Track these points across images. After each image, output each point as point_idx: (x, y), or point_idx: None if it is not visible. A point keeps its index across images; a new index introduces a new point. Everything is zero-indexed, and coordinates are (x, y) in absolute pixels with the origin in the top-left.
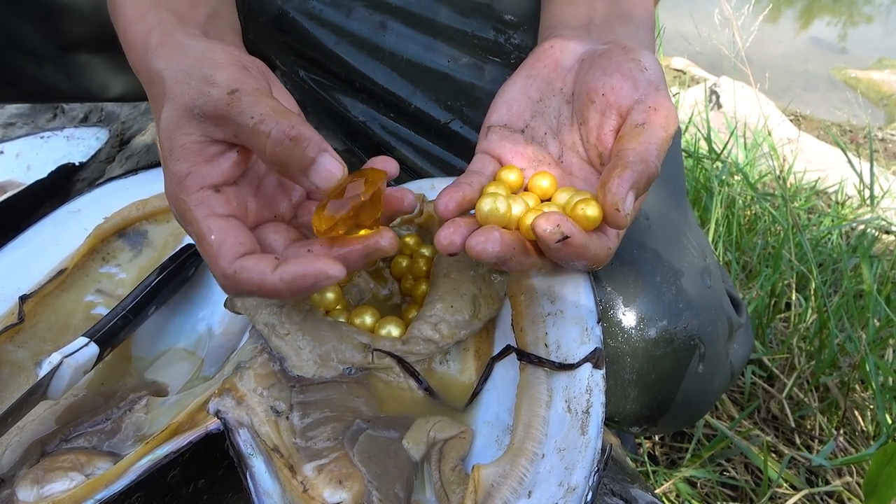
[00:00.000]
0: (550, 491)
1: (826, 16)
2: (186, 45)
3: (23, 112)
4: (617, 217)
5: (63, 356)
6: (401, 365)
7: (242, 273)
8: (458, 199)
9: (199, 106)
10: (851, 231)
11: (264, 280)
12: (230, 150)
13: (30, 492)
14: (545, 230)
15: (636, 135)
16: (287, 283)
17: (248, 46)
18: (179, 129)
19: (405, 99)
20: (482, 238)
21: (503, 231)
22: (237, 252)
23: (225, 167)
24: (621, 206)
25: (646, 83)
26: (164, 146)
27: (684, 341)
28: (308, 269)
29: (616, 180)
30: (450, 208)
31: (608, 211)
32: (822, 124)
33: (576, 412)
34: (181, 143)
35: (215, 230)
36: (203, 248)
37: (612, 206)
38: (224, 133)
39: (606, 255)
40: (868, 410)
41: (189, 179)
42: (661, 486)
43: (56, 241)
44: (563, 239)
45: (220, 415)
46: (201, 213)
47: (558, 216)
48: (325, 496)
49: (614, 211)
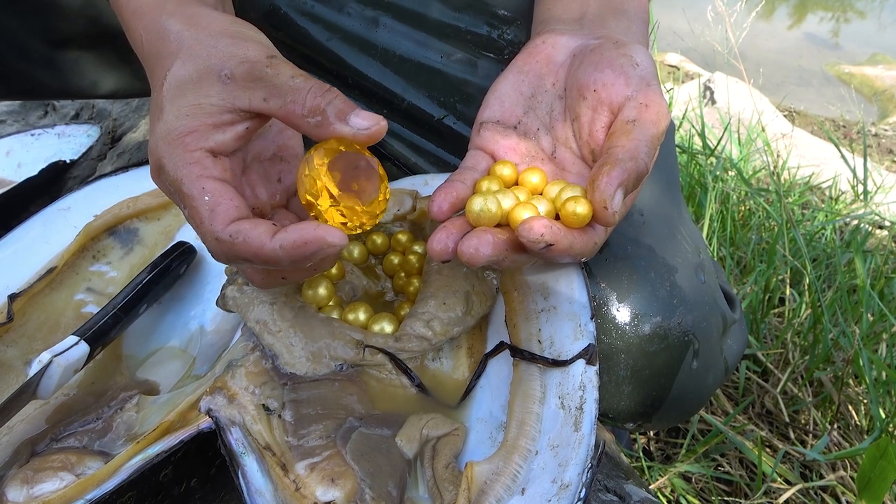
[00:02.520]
0: (544, 488)
1: (819, 11)
2: (211, 14)
3: (13, 109)
4: (605, 215)
5: (53, 355)
6: (393, 362)
7: (239, 237)
8: (452, 199)
9: (231, 68)
10: (845, 226)
11: (262, 246)
12: (240, 122)
13: (19, 492)
14: (529, 240)
15: (627, 132)
16: (287, 249)
17: None
18: (198, 87)
19: (398, 95)
20: (474, 241)
21: (495, 233)
22: (232, 215)
23: (228, 137)
24: (609, 204)
25: (637, 79)
26: (166, 99)
27: (678, 337)
28: (309, 236)
29: (605, 178)
30: (443, 209)
31: (596, 209)
32: (815, 120)
33: (569, 409)
34: (195, 101)
35: (210, 191)
36: (193, 209)
37: (600, 203)
38: (251, 98)
39: (592, 250)
40: (862, 405)
41: (191, 137)
42: (657, 482)
43: (46, 240)
44: (547, 246)
45: (212, 413)
46: (195, 172)
47: (541, 223)
48: (318, 494)
49: (602, 209)
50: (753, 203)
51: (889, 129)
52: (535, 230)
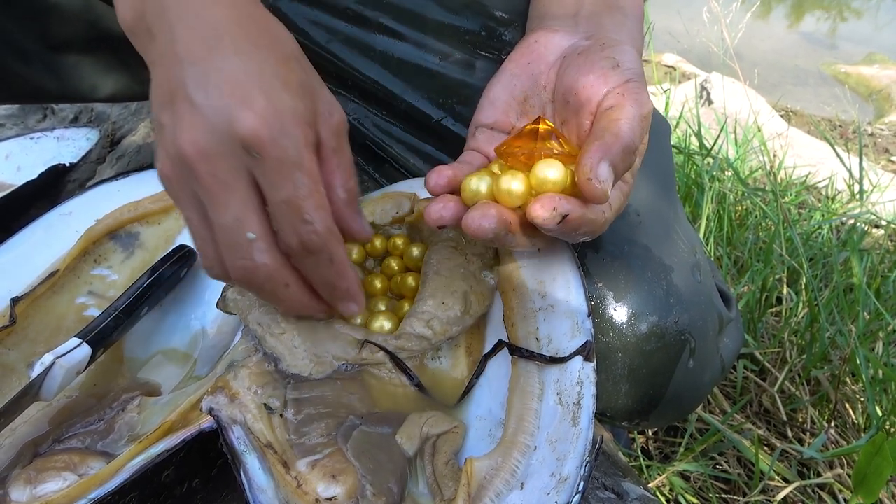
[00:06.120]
0: (543, 482)
1: (816, 11)
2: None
3: (12, 113)
4: (590, 187)
5: (55, 357)
6: (393, 361)
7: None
8: (449, 175)
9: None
10: (841, 225)
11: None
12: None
13: (23, 492)
14: (543, 217)
15: (606, 115)
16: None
17: None
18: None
19: (397, 96)
20: (478, 213)
21: (498, 206)
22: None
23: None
24: (593, 175)
25: (616, 76)
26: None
27: (675, 336)
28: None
29: (586, 154)
30: (440, 184)
31: (583, 184)
32: (812, 119)
33: (567, 404)
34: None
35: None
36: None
37: (584, 176)
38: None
39: (604, 223)
40: (858, 403)
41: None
42: (655, 480)
43: (48, 244)
44: (563, 218)
45: (214, 412)
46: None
47: (549, 197)
48: (319, 491)
49: (587, 181)
50: (750, 203)
51: (885, 129)
52: (547, 204)
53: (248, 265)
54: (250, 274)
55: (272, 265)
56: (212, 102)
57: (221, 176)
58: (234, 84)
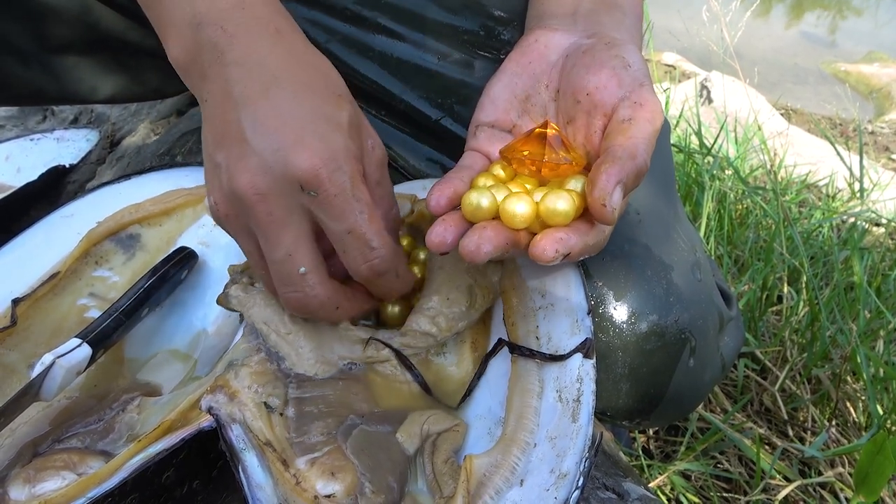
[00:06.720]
0: (542, 478)
1: (815, 9)
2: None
3: (12, 114)
4: (603, 212)
5: (56, 357)
6: (398, 358)
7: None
8: (450, 194)
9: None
10: (842, 224)
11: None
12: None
13: (21, 491)
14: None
15: (623, 131)
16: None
17: None
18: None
19: (396, 96)
20: (475, 238)
21: (496, 228)
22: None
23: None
24: (607, 202)
25: (630, 79)
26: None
27: (675, 335)
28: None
29: (603, 175)
30: (441, 204)
31: (595, 206)
32: (812, 118)
33: (567, 401)
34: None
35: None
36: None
37: (598, 200)
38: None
39: (604, 240)
40: (860, 401)
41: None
42: (656, 480)
43: (49, 246)
44: (565, 257)
45: (213, 411)
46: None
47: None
48: (318, 488)
49: (600, 206)
50: (750, 201)
51: (885, 127)
52: (548, 250)
53: (301, 297)
54: (303, 303)
55: (323, 295)
56: (268, 144)
57: (277, 214)
58: (290, 126)
